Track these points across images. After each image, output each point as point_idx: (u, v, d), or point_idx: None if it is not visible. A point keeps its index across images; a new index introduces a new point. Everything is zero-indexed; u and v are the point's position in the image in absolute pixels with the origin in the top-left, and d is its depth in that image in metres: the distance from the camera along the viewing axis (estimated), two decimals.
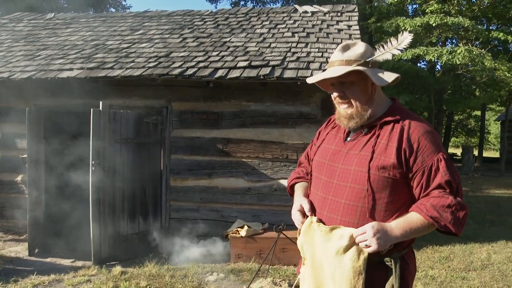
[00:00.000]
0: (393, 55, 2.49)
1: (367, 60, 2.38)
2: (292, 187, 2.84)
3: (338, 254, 2.26)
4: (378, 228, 2.17)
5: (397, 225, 2.21)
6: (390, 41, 2.49)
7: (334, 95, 2.44)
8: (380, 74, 2.39)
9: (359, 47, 2.42)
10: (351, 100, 2.38)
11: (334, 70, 2.37)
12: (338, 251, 2.26)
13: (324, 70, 2.43)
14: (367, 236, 2.17)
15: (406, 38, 2.45)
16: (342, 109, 2.42)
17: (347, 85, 2.38)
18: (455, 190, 2.23)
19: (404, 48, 2.46)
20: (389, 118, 2.36)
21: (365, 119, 2.38)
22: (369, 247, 2.17)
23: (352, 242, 2.24)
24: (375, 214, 2.27)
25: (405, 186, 2.29)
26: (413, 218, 2.22)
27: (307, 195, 2.60)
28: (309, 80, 2.57)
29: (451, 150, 41.11)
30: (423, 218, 2.19)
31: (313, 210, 2.47)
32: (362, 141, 2.38)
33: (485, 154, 37.24)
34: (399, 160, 2.24)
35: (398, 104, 2.49)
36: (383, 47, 2.47)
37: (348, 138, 2.47)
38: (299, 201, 2.55)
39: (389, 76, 2.39)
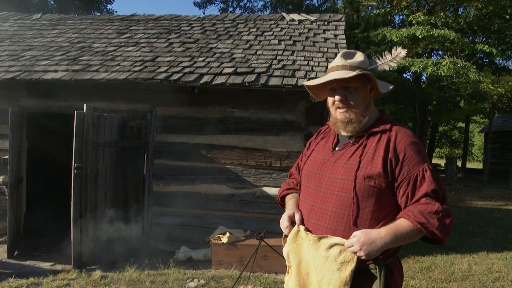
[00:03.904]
0: (390, 67, 2.57)
1: (368, 68, 2.46)
2: (282, 198, 2.87)
3: (326, 263, 2.29)
4: (364, 241, 2.20)
5: (387, 232, 2.23)
6: (385, 54, 2.60)
7: (336, 98, 2.45)
8: (381, 83, 2.50)
9: (360, 55, 2.50)
10: (352, 105, 2.43)
11: (342, 73, 2.41)
12: (326, 260, 2.29)
13: (310, 79, 2.49)
14: (355, 249, 2.20)
15: (400, 52, 2.57)
16: (340, 114, 2.45)
17: (351, 90, 2.43)
18: (442, 198, 2.27)
19: (398, 61, 2.57)
20: (377, 129, 2.41)
21: (363, 125, 2.43)
22: (359, 257, 2.21)
23: (340, 252, 2.26)
24: (361, 222, 2.30)
25: (390, 196, 2.33)
26: (402, 224, 2.24)
27: (298, 207, 2.61)
28: (310, 82, 2.60)
29: (435, 161, 41.48)
30: (411, 224, 2.21)
31: (302, 222, 2.49)
32: (349, 151, 2.42)
33: (469, 165, 37.61)
34: (385, 170, 2.28)
35: (386, 115, 2.54)
36: (379, 59, 2.59)
37: (336, 148, 2.51)
38: (292, 210, 2.58)
39: (389, 85, 2.53)
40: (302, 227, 2.44)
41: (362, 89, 2.45)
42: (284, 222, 2.53)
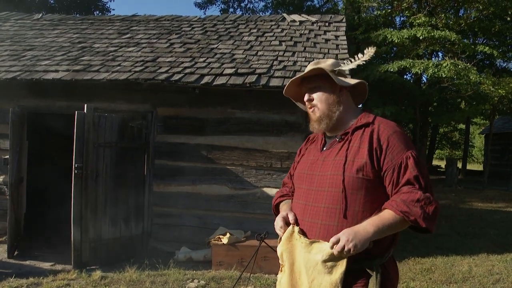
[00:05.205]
0: (359, 66, 2.69)
1: (334, 69, 2.57)
2: (277, 206, 2.90)
3: (318, 266, 2.30)
4: (349, 233, 2.22)
5: (369, 222, 2.26)
6: (358, 56, 2.70)
7: (305, 99, 2.60)
8: (344, 79, 2.59)
9: (330, 60, 2.63)
10: (317, 103, 2.56)
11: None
12: (317, 263, 2.30)
13: None
14: (341, 245, 2.21)
15: (370, 51, 2.67)
16: (312, 114, 2.59)
17: (315, 89, 2.56)
18: (424, 185, 2.29)
19: (368, 59, 2.68)
20: (360, 124, 2.48)
21: (334, 120, 2.53)
22: (348, 251, 2.20)
23: (331, 257, 2.27)
24: (353, 215, 2.33)
25: (380, 187, 2.37)
26: (385, 214, 2.28)
27: (292, 209, 2.64)
28: (284, 91, 2.77)
29: (435, 162, 41.41)
30: (395, 214, 2.25)
31: (296, 222, 2.51)
32: (336, 148, 2.49)
33: (469, 167, 37.59)
34: (371, 160, 2.34)
35: (369, 112, 2.62)
36: (351, 61, 2.70)
37: (324, 148, 2.58)
38: (286, 211, 2.61)
39: (352, 80, 2.61)
40: (296, 228, 2.46)
41: (326, 86, 2.55)
42: (278, 222, 2.56)
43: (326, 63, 2.57)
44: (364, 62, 2.70)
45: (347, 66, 2.66)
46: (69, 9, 25.46)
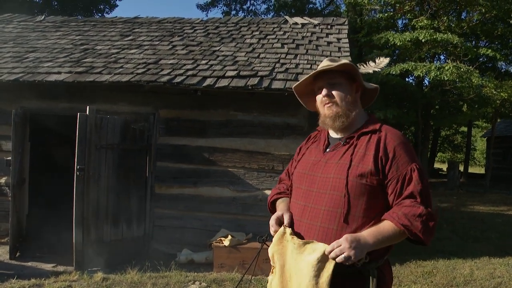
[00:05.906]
0: (374, 71, 2.71)
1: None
2: (273, 204, 2.87)
3: (306, 268, 2.29)
4: (352, 239, 2.22)
5: (369, 233, 2.27)
6: (369, 63, 2.79)
7: (323, 93, 2.52)
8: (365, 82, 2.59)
9: (345, 60, 2.58)
10: (338, 100, 2.49)
11: (327, 66, 2.50)
12: (307, 265, 2.29)
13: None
14: (343, 248, 2.20)
15: (383, 61, 2.80)
16: (328, 109, 2.52)
17: (336, 86, 2.50)
18: (426, 200, 2.31)
19: (381, 68, 2.65)
20: (366, 129, 2.48)
21: (351, 119, 2.49)
22: (348, 258, 2.20)
23: (322, 257, 2.27)
24: (353, 220, 2.33)
25: (381, 194, 2.37)
26: (384, 226, 2.30)
27: (289, 209, 2.61)
28: (297, 83, 2.69)
29: (437, 165, 41.31)
30: (395, 226, 2.27)
31: (292, 222, 2.50)
32: (340, 151, 2.47)
33: (471, 170, 37.47)
34: (376, 167, 2.33)
35: (374, 117, 2.62)
36: (364, 66, 2.66)
37: (327, 150, 2.56)
38: (281, 211, 2.59)
39: (371, 84, 2.63)
40: (288, 230, 2.44)
41: (347, 86, 2.52)
42: (272, 222, 2.54)
43: (344, 61, 2.54)
44: (380, 70, 2.74)
45: (363, 70, 2.68)
46: (68, 10, 25.44)
